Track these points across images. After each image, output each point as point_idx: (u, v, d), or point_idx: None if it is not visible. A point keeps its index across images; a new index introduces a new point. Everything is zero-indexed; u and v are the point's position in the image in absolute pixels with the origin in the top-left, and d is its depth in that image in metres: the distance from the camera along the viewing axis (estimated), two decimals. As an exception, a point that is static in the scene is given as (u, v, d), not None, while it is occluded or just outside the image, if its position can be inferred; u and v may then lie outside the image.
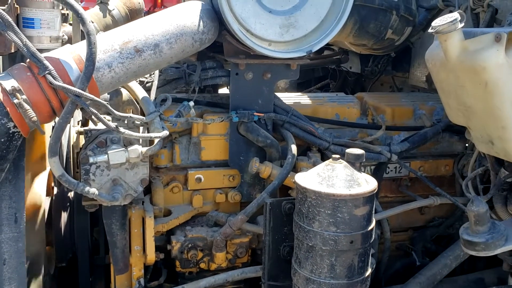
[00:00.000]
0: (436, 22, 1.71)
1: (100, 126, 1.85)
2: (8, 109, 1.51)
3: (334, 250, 1.71)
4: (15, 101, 1.50)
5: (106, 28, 2.01)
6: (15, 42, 1.52)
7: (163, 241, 2.18)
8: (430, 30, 1.73)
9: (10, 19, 1.52)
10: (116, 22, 2.36)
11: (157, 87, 2.13)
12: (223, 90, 2.83)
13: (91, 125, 1.86)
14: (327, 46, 3.24)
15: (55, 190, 2.40)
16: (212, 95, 2.44)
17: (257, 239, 2.23)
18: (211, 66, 2.19)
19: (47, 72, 1.53)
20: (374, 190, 1.74)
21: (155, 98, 1.96)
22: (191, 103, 2.02)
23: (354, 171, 1.77)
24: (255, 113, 2.17)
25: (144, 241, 2.06)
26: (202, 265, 2.15)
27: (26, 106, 1.50)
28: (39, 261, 2.11)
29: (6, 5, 1.63)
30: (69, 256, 2.40)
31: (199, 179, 2.22)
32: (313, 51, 1.99)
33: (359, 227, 1.72)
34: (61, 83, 1.53)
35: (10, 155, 1.60)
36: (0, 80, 1.52)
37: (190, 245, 2.11)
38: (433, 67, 1.91)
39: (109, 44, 1.67)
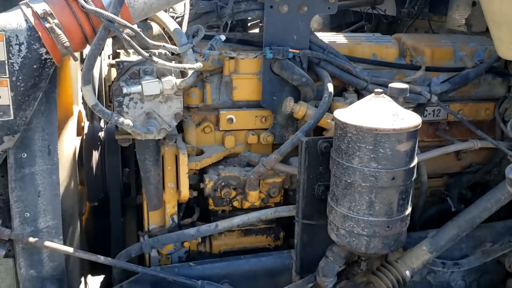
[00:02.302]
0: None
1: (133, 57, 1.80)
2: (40, 33, 1.45)
3: (374, 186, 1.66)
4: (47, 25, 1.44)
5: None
6: (44, -37, 1.45)
7: (196, 179, 2.15)
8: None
9: None
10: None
11: (188, 22, 2.04)
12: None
13: (122, 58, 1.80)
14: (362, -14, 3.09)
15: (86, 130, 2.38)
16: (243, 33, 2.35)
17: (290, 180, 2.19)
18: (243, -2, 2.09)
19: (78, -5, 1.46)
20: (419, 125, 1.66)
21: (187, 31, 1.88)
22: (223, 37, 1.94)
23: (397, 106, 1.69)
24: (290, 50, 2.08)
25: (177, 178, 2.03)
26: (235, 204, 2.12)
27: (58, 31, 1.45)
28: (72, 197, 2.11)
29: None
30: (101, 195, 2.40)
31: (231, 120, 2.16)
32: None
33: (402, 163, 1.65)
34: (93, 7, 1.46)
35: (43, 83, 1.55)
36: (31, 4, 1.46)
37: (223, 183, 2.08)
38: (485, -4, 1.78)
39: (141, -33, 1.59)
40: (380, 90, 1.70)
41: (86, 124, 2.40)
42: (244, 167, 2.17)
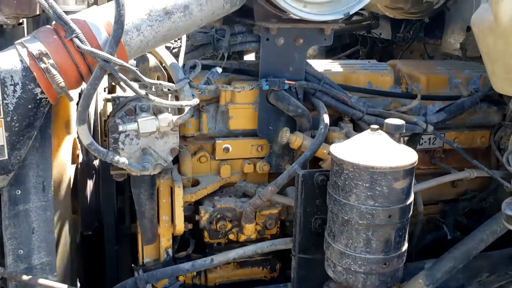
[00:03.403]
0: (488, -17, 1.58)
1: (129, 93, 1.79)
2: (35, 74, 1.44)
3: (371, 224, 1.65)
4: (42, 65, 1.43)
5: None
6: (40, 3, 1.44)
7: (191, 211, 2.14)
8: (480, -9, 1.61)
9: (35, -21, 1.44)
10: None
11: (185, 53, 2.04)
12: (248, 58, 2.73)
13: (118, 92, 1.79)
14: (357, 11, 3.09)
15: (80, 157, 2.36)
16: (239, 62, 2.35)
17: (287, 211, 2.18)
18: (240, 31, 2.09)
19: (74, 35, 1.45)
20: (415, 162, 1.65)
21: (184, 64, 1.88)
22: (219, 70, 1.94)
23: (393, 143, 1.68)
24: (286, 81, 2.08)
25: (172, 211, 2.01)
26: (231, 236, 2.10)
27: (54, 71, 1.44)
28: (65, 229, 2.09)
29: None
30: (95, 224, 2.38)
31: (227, 149, 2.16)
32: (351, 13, 1.88)
33: (398, 201, 1.64)
34: (89, 47, 1.45)
35: (38, 122, 1.54)
36: (26, 44, 1.45)
37: (219, 216, 2.07)
38: (480, 32, 1.79)
39: (137, 5, 1.58)
40: (376, 127, 1.69)
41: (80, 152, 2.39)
42: (240, 197, 2.15)
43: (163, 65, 1.89)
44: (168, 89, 1.72)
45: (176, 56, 1.95)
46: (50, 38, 1.47)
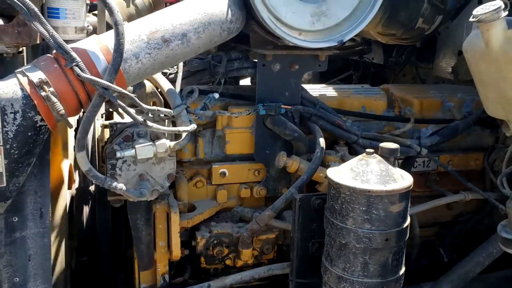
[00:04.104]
0: (478, 11, 1.63)
1: (126, 119, 1.81)
2: (35, 102, 1.46)
3: (368, 248, 1.66)
4: (43, 93, 1.45)
5: (130, 18, 1.95)
6: (41, 32, 1.47)
7: (187, 236, 2.13)
8: (471, 19, 1.65)
9: (35, 9, 1.46)
10: (140, 12, 2.30)
11: (182, 79, 2.07)
12: (244, 82, 2.77)
13: (116, 118, 1.81)
14: (350, 37, 3.15)
15: (77, 183, 2.37)
16: (236, 87, 2.38)
17: (284, 235, 2.18)
18: (236, 57, 2.13)
19: (74, 64, 1.47)
20: (410, 186, 1.68)
21: (181, 90, 1.90)
22: (216, 95, 1.96)
23: (388, 166, 1.70)
24: (282, 106, 2.11)
25: (169, 237, 2.01)
26: (228, 262, 2.10)
27: (54, 99, 1.45)
28: (61, 254, 2.08)
29: (33, -5, 1.58)
30: (90, 250, 2.37)
31: (223, 174, 2.17)
32: (344, 40, 1.92)
33: (395, 225, 1.66)
34: (88, 76, 1.48)
35: (37, 149, 1.55)
36: (27, 72, 1.47)
37: (215, 241, 2.06)
38: (472, 57, 1.83)
39: (136, 34, 1.61)
40: (372, 150, 1.72)
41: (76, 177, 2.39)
42: (237, 222, 2.16)
43: (159, 90, 1.91)
44: (165, 115, 1.74)
45: (173, 81, 1.98)
46: (50, 67, 1.49)
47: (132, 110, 1.55)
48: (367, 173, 1.66)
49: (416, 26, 2.38)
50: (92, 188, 2.41)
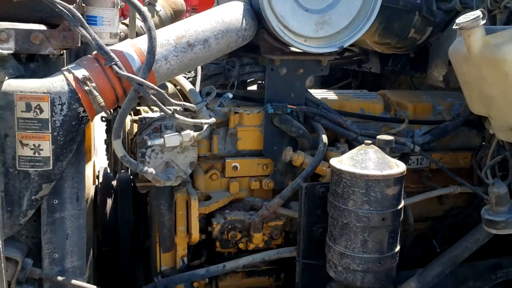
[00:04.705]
0: (460, 19, 1.88)
1: (153, 114, 2.04)
2: (79, 95, 1.69)
3: (367, 226, 1.88)
4: (86, 88, 1.68)
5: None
6: (85, 36, 1.71)
7: (204, 223, 2.35)
8: (454, 27, 1.90)
9: (81, 17, 1.71)
10: (163, 22, 2.56)
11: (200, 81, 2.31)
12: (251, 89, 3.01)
13: (143, 114, 2.04)
14: (349, 48, 3.41)
15: (101, 178, 2.59)
16: (245, 90, 2.62)
17: (290, 223, 2.40)
18: (247, 62, 2.37)
19: (113, 63, 1.71)
20: (404, 172, 1.91)
21: (200, 90, 2.14)
22: (230, 95, 2.20)
23: (384, 155, 1.94)
24: (289, 106, 2.34)
25: (188, 222, 2.23)
26: (241, 245, 2.31)
27: (95, 93, 1.69)
28: (88, 243, 2.29)
29: (75, 4, 1.82)
30: (113, 241, 2.57)
31: (235, 167, 2.39)
32: (344, 46, 2.16)
33: (390, 206, 1.88)
34: (126, 73, 1.72)
35: (78, 137, 1.78)
36: (72, 70, 1.71)
37: (229, 227, 2.28)
38: (456, 61, 2.08)
39: (165, 38, 1.86)
40: (370, 142, 1.95)
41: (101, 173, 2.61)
42: (248, 211, 2.37)
43: (179, 89, 2.15)
44: (186, 110, 1.97)
45: (193, 83, 2.22)
46: (92, 65, 1.73)
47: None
48: (366, 161, 1.89)
49: (409, 36, 2.63)
50: (114, 183, 2.63)
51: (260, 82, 2.72)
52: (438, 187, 2.64)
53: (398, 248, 1.98)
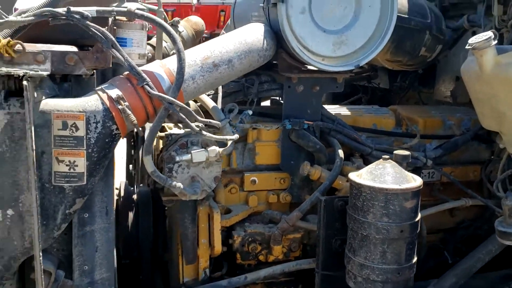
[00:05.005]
0: (473, 40, 1.97)
1: (178, 130, 2.13)
2: (113, 113, 1.78)
3: (386, 238, 1.95)
4: (119, 107, 1.77)
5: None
6: (118, 58, 1.80)
7: (224, 236, 2.41)
8: (467, 47, 2.00)
9: (113, 39, 1.81)
10: (185, 42, 2.67)
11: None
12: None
13: (169, 131, 2.13)
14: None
15: (122, 192, 2.67)
16: (262, 106, 2.71)
17: (308, 236, 2.47)
18: (266, 80, 2.47)
19: (145, 83, 1.80)
20: (421, 185, 1.99)
21: (222, 107, 2.23)
22: (250, 112, 2.30)
23: (402, 170, 2.02)
24: (305, 121, 2.43)
25: (210, 235, 2.30)
26: (261, 257, 2.38)
27: (128, 111, 1.78)
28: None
29: (107, 27, 1.92)
30: (134, 253, 2.64)
31: (253, 181, 2.47)
32: (360, 65, 2.26)
33: (408, 218, 1.96)
34: (157, 93, 1.81)
35: (110, 154, 1.86)
36: (106, 90, 1.80)
37: (250, 239, 2.35)
38: (469, 79, 2.17)
39: (192, 59, 1.96)
40: (387, 157, 2.04)
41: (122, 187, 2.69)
42: (267, 224, 2.45)
43: (197, 107, 2.23)
44: (210, 126, 2.05)
45: (214, 100, 2.31)
46: (124, 85, 1.82)
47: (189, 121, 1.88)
48: (384, 175, 1.97)
49: (420, 54, 2.73)
50: (134, 197, 2.71)
51: (275, 98, 2.82)
52: (449, 199, 2.72)
53: (415, 259, 2.05)
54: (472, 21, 2.81)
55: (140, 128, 1.90)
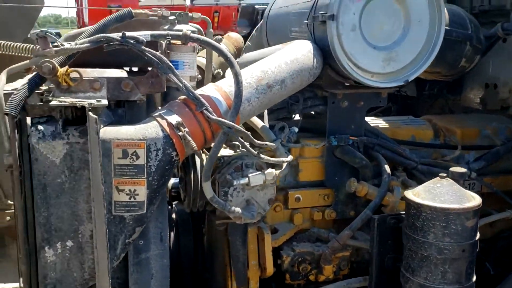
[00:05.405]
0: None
1: (227, 151, 2.08)
2: (173, 140, 1.74)
3: (447, 258, 1.92)
4: (180, 133, 1.73)
5: (221, 64, 2.26)
6: (176, 83, 1.77)
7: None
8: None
9: (170, 64, 1.77)
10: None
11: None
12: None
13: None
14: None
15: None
16: (302, 120, 2.68)
17: (356, 253, 2.44)
18: (309, 96, 2.44)
19: (204, 108, 1.77)
20: (480, 204, 1.96)
21: (273, 125, 2.20)
22: (296, 129, 2.26)
23: (460, 188, 1.99)
24: (350, 137, 2.40)
25: (259, 256, 2.26)
26: (311, 277, 2.35)
27: (188, 138, 1.74)
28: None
29: (160, 51, 1.88)
30: (175, 272, 2.60)
31: (298, 199, 2.44)
32: (409, 80, 2.23)
33: (469, 237, 1.93)
34: (216, 117, 1.77)
35: (168, 181, 1.83)
36: (165, 116, 1.76)
37: (299, 259, 2.32)
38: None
39: (247, 81, 1.92)
40: (444, 175, 2.01)
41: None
42: (314, 242, 2.41)
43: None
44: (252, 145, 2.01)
45: (259, 118, 2.27)
46: (183, 111, 1.78)
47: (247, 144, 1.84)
48: (444, 194, 1.94)
49: (460, 65, 2.70)
50: (173, 216, 2.67)
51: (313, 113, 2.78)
52: (490, 210, 2.70)
53: (475, 278, 2.02)
54: (506, 29, 2.78)
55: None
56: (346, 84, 2.35)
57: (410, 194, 2.02)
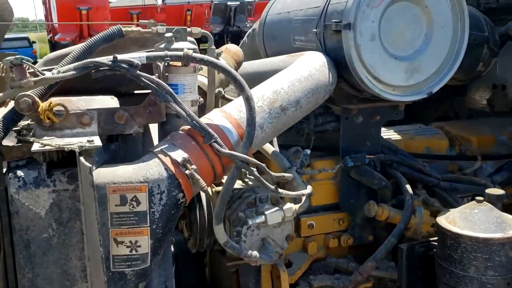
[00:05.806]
0: None
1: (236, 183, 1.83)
2: (179, 180, 1.48)
3: (491, 293, 1.72)
4: (187, 172, 1.48)
5: (221, 82, 2.01)
6: (178, 112, 1.51)
7: (285, 292, 2.15)
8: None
9: (171, 90, 1.51)
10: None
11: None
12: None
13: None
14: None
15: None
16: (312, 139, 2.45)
17: (379, 283, 2.22)
18: (320, 112, 2.20)
19: (213, 140, 1.51)
20: (524, 230, 1.76)
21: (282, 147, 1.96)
22: (308, 151, 2.02)
23: (500, 213, 1.78)
24: (366, 156, 2.18)
25: (274, 295, 2.03)
26: (332, 313, 2.12)
27: (197, 176, 1.48)
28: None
29: (156, 74, 1.62)
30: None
31: (311, 225, 2.21)
32: (433, 92, 2.02)
33: (514, 269, 1.73)
34: (227, 151, 1.52)
35: (173, 226, 1.57)
36: (168, 152, 1.50)
37: (319, 295, 2.09)
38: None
39: (258, 105, 1.67)
40: (481, 198, 1.80)
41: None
42: (333, 273, 2.19)
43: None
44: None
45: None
46: (188, 144, 1.52)
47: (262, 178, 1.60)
48: (484, 222, 1.73)
49: (477, 69, 2.51)
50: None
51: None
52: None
53: (518, 311, 1.82)
54: (517, 28, 2.61)
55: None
56: (360, 97, 2.12)
57: (444, 221, 1.81)
